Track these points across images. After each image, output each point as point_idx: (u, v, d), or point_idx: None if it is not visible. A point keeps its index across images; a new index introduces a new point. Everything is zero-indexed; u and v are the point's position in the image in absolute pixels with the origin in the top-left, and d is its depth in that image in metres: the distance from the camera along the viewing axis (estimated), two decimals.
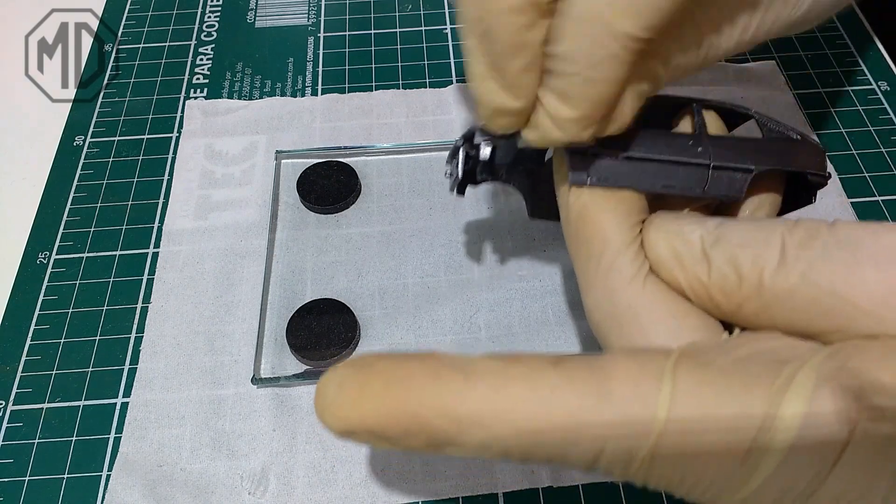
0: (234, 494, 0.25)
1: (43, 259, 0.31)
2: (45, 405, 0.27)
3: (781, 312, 0.16)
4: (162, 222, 0.32)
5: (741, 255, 0.17)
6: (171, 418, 0.26)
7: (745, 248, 0.17)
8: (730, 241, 0.17)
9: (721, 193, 0.19)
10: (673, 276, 0.18)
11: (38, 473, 0.25)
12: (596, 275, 0.18)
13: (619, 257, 0.18)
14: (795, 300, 0.16)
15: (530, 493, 0.25)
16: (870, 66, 0.37)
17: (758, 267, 0.16)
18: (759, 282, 0.16)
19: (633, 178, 0.19)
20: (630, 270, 0.18)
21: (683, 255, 0.18)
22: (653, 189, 0.19)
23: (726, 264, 0.17)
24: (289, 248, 0.31)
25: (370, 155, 0.33)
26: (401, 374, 0.15)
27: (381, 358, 0.16)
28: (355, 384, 0.15)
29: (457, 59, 0.38)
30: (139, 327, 0.29)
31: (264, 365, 0.27)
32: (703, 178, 0.19)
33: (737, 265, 0.17)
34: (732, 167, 0.19)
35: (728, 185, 0.19)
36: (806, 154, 0.20)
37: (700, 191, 0.19)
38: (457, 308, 0.29)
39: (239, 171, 0.33)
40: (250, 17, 0.41)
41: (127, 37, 0.39)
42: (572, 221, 0.19)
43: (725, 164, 0.19)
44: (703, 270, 0.17)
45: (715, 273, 0.17)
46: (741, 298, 0.17)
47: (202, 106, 0.36)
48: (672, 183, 0.19)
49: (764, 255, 0.16)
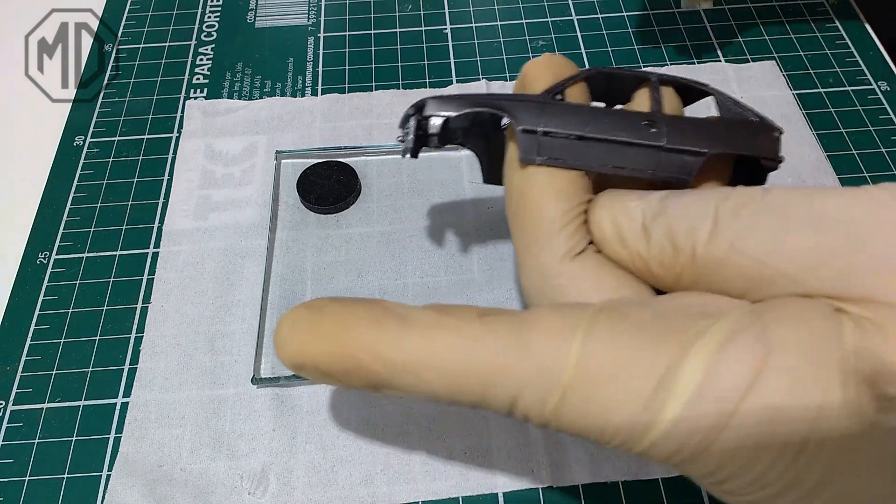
0: (234, 494, 0.25)
1: (43, 259, 0.31)
2: (45, 405, 0.27)
3: (715, 282, 0.16)
4: (162, 222, 0.32)
5: (677, 227, 0.17)
6: (171, 418, 0.26)
7: (682, 219, 0.17)
8: (668, 213, 0.17)
9: (672, 175, 0.19)
10: (616, 253, 0.18)
11: (38, 473, 0.25)
12: (530, 253, 0.19)
13: (552, 237, 0.18)
14: (726, 269, 0.16)
15: (530, 493, 0.25)
16: (870, 66, 0.37)
17: (691, 238, 0.16)
18: (692, 253, 0.16)
19: (583, 158, 0.19)
20: (561, 249, 0.18)
21: (625, 231, 0.18)
22: (603, 169, 0.19)
23: (664, 237, 0.17)
24: (289, 248, 0.31)
25: (370, 155, 0.33)
26: (346, 318, 0.16)
27: (334, 302, 0.17)
28: (305, 324, 0.17)
29: (457, 59, 0.38)
30: (139, 327, 0.29)
31: (264, 365, 0.27)
32: (654, 159, 0.19)
33: (672, 237, 0.17)
34: (684, 150, 0.19)
35: (679, 168, 0.19)
36: (761, 137, 0.20)
37: (651, 172, 0.19)
38: None
39: (239, 171, 0.33)
40: (250, 17, 0.41)
41: (127, 37, 0.39)
42: (514, 202, 0.20)
43: (678, 147, 0.19)
44: (643, 245, 0.17)
45: (654, 246, 0.17)
46: (679, 270, 0.17)
47: (202, 106, 0.36)
48: (623, 164, 0.19)
49: (698, 225, 0.16)
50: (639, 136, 0.19)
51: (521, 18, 0.40)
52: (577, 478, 0.25)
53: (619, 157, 0.19)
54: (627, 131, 0.19)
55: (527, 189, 0.19)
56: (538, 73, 0.21)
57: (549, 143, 0.19)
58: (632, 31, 0.39)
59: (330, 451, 0.26)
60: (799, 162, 0.33)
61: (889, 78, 0.36)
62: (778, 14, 0.40)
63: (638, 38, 0.39)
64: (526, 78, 0.21)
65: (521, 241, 0.19)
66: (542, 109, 0.19)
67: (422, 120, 0.21)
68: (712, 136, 0.19)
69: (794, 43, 0.38)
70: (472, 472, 0.25)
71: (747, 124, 0.20)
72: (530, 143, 0.19)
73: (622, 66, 0.20)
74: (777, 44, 0.38)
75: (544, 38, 0.39)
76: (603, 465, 0.25)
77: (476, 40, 0.39)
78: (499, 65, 0.37)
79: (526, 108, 0.19)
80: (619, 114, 0.19)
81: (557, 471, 0.25)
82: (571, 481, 0.25)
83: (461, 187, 0.32)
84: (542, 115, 0.19)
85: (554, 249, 0.18)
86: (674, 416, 0.14)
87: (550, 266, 0.18)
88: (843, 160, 0.33)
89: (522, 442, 0.26)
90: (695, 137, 0.19)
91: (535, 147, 0.19)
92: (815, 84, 0.36)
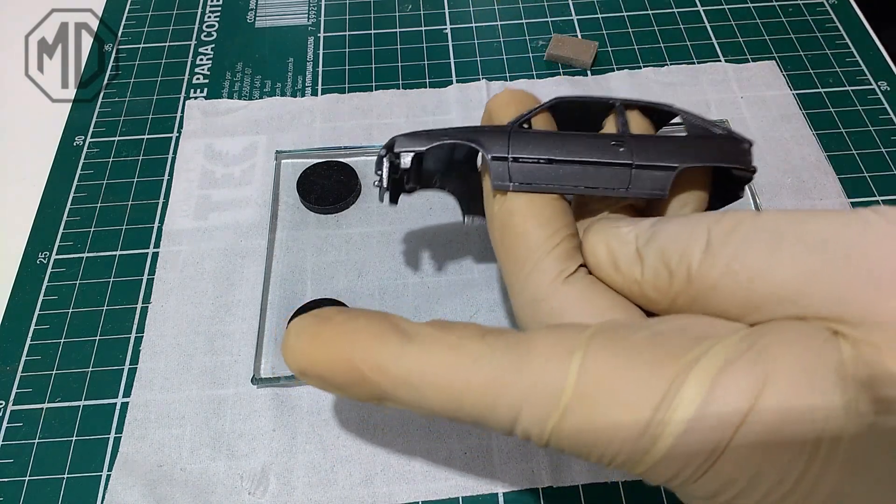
0: (234, 494, 0.25)
1: (43, 259, 0.31)
2: (45, 405, 0.27)
3: (710, 304, 0.16)
4: (162, 222, 0.32)
5: (670, 251, 0.17)
6: (171, 418, 0.26)
7: (674, 243, 0.17)
8: (661, 238, 0.17)
9: (645, 192, 0.19)
10: (611, 278, 0.18)
11: (38, 473, 0.25)
12: (520, 279, 0.19)
13: (541, 261, 0.18)
14: (721, 291, 0.16)
15: (530, 493, 0.25)
16: (870, 66, 0.37)
17: (685, 261, 0.16)
18: (687, 275, 0.16)
19: (555, 181, 0.19)
20: (551, 272, 0.18)
21: (619, 256, 0.18)
22: (576, 191, 0.19)
23: (657, 261, 0.17)
24: (289, 248, 0.31)
25: (370, 155, 0.33)
26: (350, 329, 0.17)
27: (340, 312, 0.17)
28: (310, 334, 0.17)
29: (457, 59, 0.38)
30: (139, 327, 0.29)
31: (264, 365, 0.27)
32: (626, 177, 0.19)
33: (666, 261, 0.17)
34: (655, 165, 0.19)
35: (651, 184, 0.19)
36: (729, 149, 0.20)
37: (624, 190, 0.19)
38: (457, 308, 0.29)
39: (239, 171, 0.33)
40: (250, 17, 0.41)
41: (127, 37, 0.39)
42: (497, 229, 0.20)
43: (648, 163, 0.19)
44: (637, 269, 0.17)
45: (647, 271, 0.17)
46: (673, 294, 0.17)
47: (202, 106, 0.36)
48: (595, 184, 0.19)
49: (691, 248, 0.17)
50: (607, 155, 0.19)
51: (521, 18, 0.40)
52: (577, 478, 0.25)
53: (590, 178, 0.19)
54: (595, 152, 0.19)
55: (507, 217, 0.19)
56: (502, 106, 0.21)
57: (520, 168, 0.19)
58: (632, 31, 0.39)
59: (330, 451, 0.26)
60: (799, 162, 0.33)
61: (889, 78, 0.36)
62: (778, 14, 0.40)
63: (638, 38, 0.39)
64: (491, 112, 0.22)
65: (510, 268, 0.19)
66: (510, 137, 0.20)
67: (394, 160, 0.21)
68: (681, 150, 0.19)
69: (794, 43, 0.38)
70: (472, 472, 0.25)
71: (715, 138, 0.20)
72: (502, 171, 0.19)
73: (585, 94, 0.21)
74: (777, 44, 0.38)
75: (544, 38, 0.39)
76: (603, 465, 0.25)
77: (476, 40, 0.39)
78: (499, 65, 0.37)
79: (494, 137, 0.20)
80: (586, 137, 0.20)
81: (557, 471, 0.25)
82: (571, 481, 0.25)
83: None
84: (510, 142, 0.20)
85: (544, 273, 0.18)
86: (675, 437, 0.14)
87: (541, 290, 0.18)
88: (843, 160, 0.33)
89: (522, 442, 0.26)
90: (664, 153, 0.19)
91: (506, 174, 0.19)
92: (815, 84, 0.36)
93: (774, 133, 0.34)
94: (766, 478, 0.14)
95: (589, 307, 0.18)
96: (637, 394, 0.15)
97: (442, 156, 0.22)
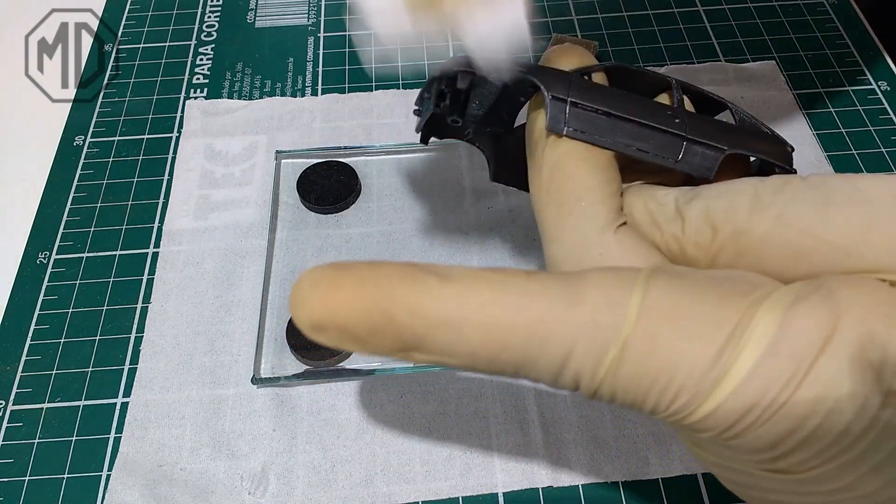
0: (234, 494, 0.25)
1: (43, 259, 0.31)
2: (45, 405, 0.27)
3: (758, 259, 0.16)
4: (162, 222, 0.32)
5: (714, 206, 0.16)
6: (171, 418, 0.26)
7: (719, 199, 0.16)
8: (704, 195, 0.17)
9: (694, 167, 0.19)
10: (651, 236, 0.18)
11: (38, 473, 0.25)
12: (567, 223, 0.18)
13: (593, 205, 0.18)
14: (771, 244, 0.16)
15: (530, 493, 0.25)
16: (870, 66, 0.37)
17: (732, 215, 0.16)
18: (734, 229, 0.16)
19: (609, 135, 0.19)
20: (601, 220, 0.17)
21: (658, 216, 0.17)
22: (627, 150, 0.19)
23: (700, 217, 0.17)
24: (289, 248, 0.31)
25: (370, 155, 0.33)
26: (376, 273, 0.15)
27: (360, 262, 0.15)
28: (329, 280, 0.15)
29: None
30: (139, 327, 0.29)
31: (264, 365, 0.27)
32: (678, 148, 0.19)
33: (710, 217, 0.16)
34: (706, 143, 0.19)
35: (701, 160, 0.19)
36: (775, 149, 0.20)
37: (673, 161, 0.19)
38: None
39: (239, 171, 0.33)
40: (250, 17, 0.41)
41: (127, 37, 0.39)
42: (546, 171, 0.19)
43: (700, 139, 0.19)
44: (678, 227, 0.17)
45: (689, 227, 0.17)
46: (716, 250, 0.16)
47: (202, 106, 0.36)
48: (647, 148, 0.19)
49: (737, 203, 0.16)
50: (664, 122, 0.19)
51: None
52: (577, 478, 0.25)
53: (643, 141, 0.19)
54: (653, 116, 0.19)
55: (561, 160, 0.19)
56: (561, 56, 0.21)
57: (577, 114, 0.19)
58: (632, 31, 0.39)
59: (330, 451, 0.26)
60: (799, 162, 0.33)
61: (889, 78, 0.36)
62: (778, 14, 0.40)
63: (638, 38, 0.39)
64: (550, 60, 0.21)
65: (554, 213, 0.18)
66: (571, 83, 0.19)
67: (443, 87, 0.21)
68: (731, 137, 0.19)
69: (794, 43, 0.38)
70: (472, 472, 0.25)
71: (762, 134, 0.20)
72: (559, 112, 0.19)
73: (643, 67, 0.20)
74: (777, 44, 0.38)
75: (544, 38, 0.39)
76: (603, 466, 0.25)
77: None
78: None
79: (555, 78, 0.19)
80: (644, 100, 0.19)
81: (557, 471, 0.25)
82: (571, 481, 0.25)
83: (461, 187, 0.32)
84: (571, 87, 0.19)
85: (593, 220, 0.18)
86: (747, 370, 0.14)
87: (591, 236, 0.17)
88: (843, 160, 0.33)
89: (522, 442, 0.26)
90: (716, 134, 0.19)
91: (563, 117, 0.19)
92: (815, 84, 0.36)
93: None
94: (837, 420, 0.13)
95: (639, 259, 0.17)
96: (704, 328, 0.14)
97: (489, 96, 0.21)
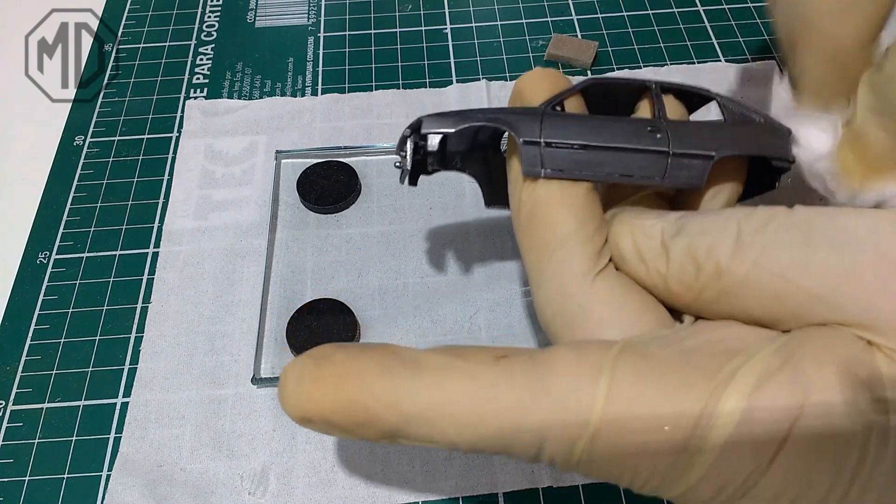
0: (234, 494, 0.25)
1: (43, 259, 0.31)
2: (45, 405, 0.27)
3: (737, 300, 0.16)
4: (162, 222, 0.32)
5: (697, 244, 0.16)
6: (171, 418, 0.26)
7: (702, 236, 0.16)
8: (688, 231, 0.17)
9: (681, 182, 0.19)
10: (635, 270, 0.18)
11: (38, 473, 0.25)
12: (546, 270, 0.18)
13: (570, 253, 0.18)
14: (750, 287, 0.16)
15: (530, 493, 0.25)
16: None
17: (714, 254, 0.16)
18: (715, 270, 0.16)
19: (589, 168, 0.18)
20: (582, 266, 0.17)
21: (644, 250, 0.17)
22: (610, 178, 0.18)
23: (684, 254, 0.17)
24: (289, 248, 0.31)
25: (370, 155, 0.33)
26: (353, 366, 0.15)
27: (339, 349, 0.16)
28: (311, 377, 0.16)
29: (457, 59, 0.38)
30: (139, 327, 0.29)
31: (264, 365, 0.27)
32: (662, 165, 0.18)
33: (693, 254, 0.16)
34: (692, 154, 0.18)
35: (688, 173, 0.18)
36: (769, 138, 0.19)
37: (659, 179, 0.18)
38: (457, 308, 0.29)
39: (239, 171, 0.33)
40: (250, 17, 0.41)
41: (127, 37, 0.39)
42: (524, 216, 0.19)
43: (685, 151, 0.18)
44: (663, 263, 0.17)
45: (673, 264, 0.17)
46: (699, 288, 0.16)
47: (202, 106, 0.36)
48: (630, 172, 0.18)
49: (719, 242, 0.16)
50: (644, 142, 0.18)
51: (521, 18, 0.40)
52: (578, 478, 0.25)
53: (625, 165, 0.18)
54: (632, 138, 0.18)
55: (536, 204, 0.18)
56: (533, 87, 0.20)
57: (553, 154, 0.18)
58: (632, 31, 0.39)
59: (330, 451, 0.26)
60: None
61: None
62: None
63: (638, 38, 0.39)
64: (521, 93, 0.20)
65: (535, 258, 0.18)
66: (543, 120, 0.19)
67: (419, 141, 0.20)
68: (719, 138, 0.19)
69: None
70: (472, 472, 0.25)
71: (754, 126, 0.20)
72: (534, 156, 0.18)
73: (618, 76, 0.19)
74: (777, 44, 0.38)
75: (544, 38, 0.39)
76: None
77: (476, 40, 0.39)
78: (499, 65, 0.37)
79: (526, 120, 0.19)
80: (621, 121, 0.19)
81: (557, 471, 0.25)
82: (571, 481, 0.25)
83: (461, 187, 0.32)
84: (542, 126, 0.19)
85: (573, 267, 0.17)
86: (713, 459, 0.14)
87: (570, 285, 0.17)
88: None
89: None
90: (701, 141, 0.19)
91: (538, 159, 0.18)
92: None
93: None
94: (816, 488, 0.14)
95: (618, 308, 0.17)
96: (671, 414, 0.14)
97: (466, 137, 0.21)
